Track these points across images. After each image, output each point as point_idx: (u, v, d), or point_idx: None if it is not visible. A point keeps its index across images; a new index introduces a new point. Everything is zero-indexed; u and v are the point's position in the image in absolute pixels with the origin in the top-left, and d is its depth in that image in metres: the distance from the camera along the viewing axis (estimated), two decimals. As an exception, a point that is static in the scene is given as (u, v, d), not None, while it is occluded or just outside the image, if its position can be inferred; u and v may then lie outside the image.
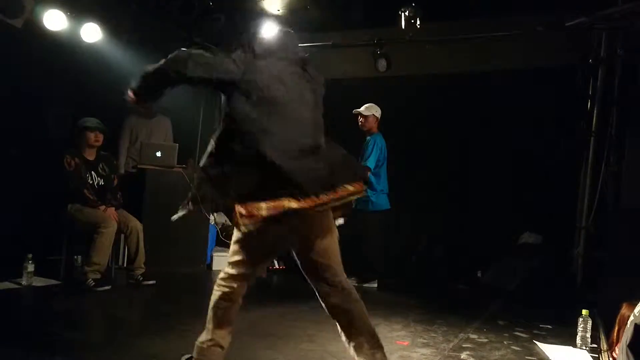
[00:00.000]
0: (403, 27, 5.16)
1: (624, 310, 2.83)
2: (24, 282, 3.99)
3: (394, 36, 5.52)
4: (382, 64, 5.62)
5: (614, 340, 2.87)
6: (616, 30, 4.86)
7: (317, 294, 2.26)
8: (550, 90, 5.32)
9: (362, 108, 5.09)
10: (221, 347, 2.30)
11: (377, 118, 5.10)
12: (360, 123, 5.09)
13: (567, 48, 5.16)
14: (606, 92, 5.05)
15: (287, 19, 5.30)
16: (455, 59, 5.79)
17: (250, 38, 2.30)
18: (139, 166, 5.20)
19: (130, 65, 5.23)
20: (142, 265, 4.34)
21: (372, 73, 5.73)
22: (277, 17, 5.42)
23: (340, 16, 5.87)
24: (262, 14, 5.49)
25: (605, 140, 4.96)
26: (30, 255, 4.02)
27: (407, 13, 5.12)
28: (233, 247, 2.30)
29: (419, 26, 5.11)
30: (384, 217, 5.05)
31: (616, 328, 2.87)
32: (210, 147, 2.22)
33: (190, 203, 2.18)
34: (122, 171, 5.27)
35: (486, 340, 3.30)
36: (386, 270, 5.13)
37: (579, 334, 3.20)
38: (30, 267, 4.00)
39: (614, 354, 2.74)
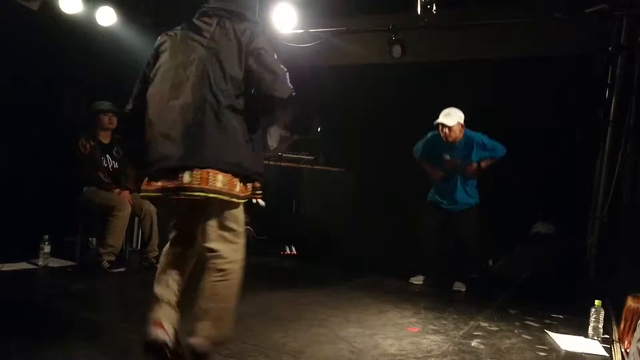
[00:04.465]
0: (419, 12, 5.09)
1: (629, 302, 2.80)
2: (40, 263, 4.06)
3: (409, 22, 5.45)
4: (397, 50, 5.55)
5: (622, 334, 2.84)
6: (636, 17, 4.76)
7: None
8: (568, 78, 5.24)
9: (442, 117, 4.27)
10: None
11: (462, 125, 4.30)
12: (444, 135, 4.29)
13: (586, 35, 5.07)
14: (625, 81, 4.96)
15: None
16: (471, 46, 5.72)
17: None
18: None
19: (145, 48, 5.23)
20: (156, 248, 4.38)
21: (387, 59, 5.68)
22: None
23: (355, 1, 5.81)
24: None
25: (623, 129, 4.88)
26: (46, 237, 4.08)
27: (423, -1, 5.04)
28: None
29: (434, 12, 5.04)
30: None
31: (622, 322, 2.85)
32: None
33: None
34: None
35: (497, 328, 3.30)
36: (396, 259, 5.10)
37: (591, 324, 3.18)
38: (47, 248, 4.07)
39: (626, 349, 2.71)
